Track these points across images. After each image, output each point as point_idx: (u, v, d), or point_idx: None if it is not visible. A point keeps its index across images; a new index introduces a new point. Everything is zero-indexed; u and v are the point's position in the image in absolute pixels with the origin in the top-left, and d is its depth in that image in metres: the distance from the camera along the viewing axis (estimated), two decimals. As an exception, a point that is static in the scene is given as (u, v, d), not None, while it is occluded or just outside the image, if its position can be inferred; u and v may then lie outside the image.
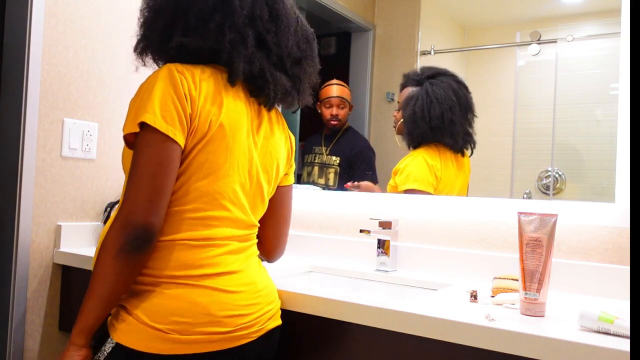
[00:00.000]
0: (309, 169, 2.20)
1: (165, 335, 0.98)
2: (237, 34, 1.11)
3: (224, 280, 1.07)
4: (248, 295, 1.09)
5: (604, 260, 1.37)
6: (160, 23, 1.14)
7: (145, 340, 0.98)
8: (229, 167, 1.09)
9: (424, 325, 1.05)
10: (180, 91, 1.03)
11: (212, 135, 1.06)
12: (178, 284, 1.02)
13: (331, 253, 1.79)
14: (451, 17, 1.99)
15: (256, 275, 1.15)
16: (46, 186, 1.69)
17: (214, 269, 1.06)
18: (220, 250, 1.09)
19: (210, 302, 1.02)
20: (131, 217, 0.98)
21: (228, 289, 1.06)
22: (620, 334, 0.94)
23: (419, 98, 1.81)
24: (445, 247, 1.60)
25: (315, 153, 2.20)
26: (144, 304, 1.01)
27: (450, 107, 1.77)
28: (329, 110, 2.15)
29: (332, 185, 2.11)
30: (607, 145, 1.51)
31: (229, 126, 1.09)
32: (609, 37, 1.56)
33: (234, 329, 1.04)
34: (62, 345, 1.75)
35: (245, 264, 1.13)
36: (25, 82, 1.61)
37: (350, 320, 1.14)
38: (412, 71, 1.94)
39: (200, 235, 1.07)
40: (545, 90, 1.70)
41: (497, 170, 1.78)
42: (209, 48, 1.11)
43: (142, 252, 0.99)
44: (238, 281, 1.09)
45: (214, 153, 1.07)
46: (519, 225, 1.13)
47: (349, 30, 2.17)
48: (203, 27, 1.10)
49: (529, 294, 1.09)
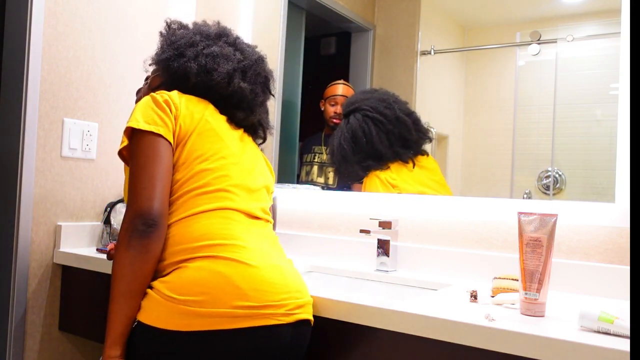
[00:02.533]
0: (308, 168, 2.19)
1: (186, 309, 0.97)
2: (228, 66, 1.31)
3: (245, 252, 1.07)
4: (271, 272, 1.07)
5: (604, 260, 1.37)
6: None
7: (165, 316, 0.97)
8: (223, 153, 1.20)
9: (424, 325, 1.05)
10: (159, 100, 1.19)
11: (201, 128, 1.20)
12: (201, 257, 1.04)
13: (331, 253, 1.79)
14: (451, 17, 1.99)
15: (277, 258, 1.14)
16: (46, 186, 1.69)
17: (233, 240, 1.09)
18: (236, 224, 1.13)
19: (234, 273, 1.02)
20: (133, 209, 1.07)
21: (250, 262, 1.05)
22: (620, 334, 0.94)
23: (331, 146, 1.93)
24: (445, 247, 1.60)
25: (315, 152, 2.19)
26: (167, 279, 1.03)
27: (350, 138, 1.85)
28: (333, 108, 2.14)
29: (332, 185, 2.11)
30: (607, 145, 1.51)
31: (214, 121, 1.23)
32: (609, 37, 1.56)
33: (261, 305, 1.01)
34: (62, 345, 1.75)
35: (264, 245, 1.14)
36: (25, 82, 1.61)
37: (350, 320, 1.14)
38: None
39: (215, 206, 1.13)
40: (545, 90, 1.70)
41: (497, 170, 1.78)
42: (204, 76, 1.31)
43: (149, 236, 1.04)
44: (258, 257, 1.08)
45: (207, 141, 1.19)
46: (519, 225, 1.13)
47: (349, 30, 2.17)
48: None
49: (529, 294, 1.09)
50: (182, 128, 1.18)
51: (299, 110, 2.21)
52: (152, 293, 1.03)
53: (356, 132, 1.84)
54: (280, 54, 2.17)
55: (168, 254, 1.07)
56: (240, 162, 1.24)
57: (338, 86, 2.16)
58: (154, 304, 1.00)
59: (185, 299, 0.97)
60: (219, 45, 1.33)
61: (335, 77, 2.15)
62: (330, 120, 2.15)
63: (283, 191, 1.98)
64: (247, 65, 1.34)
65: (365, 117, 1.84)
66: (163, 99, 1.19)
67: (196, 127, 1.19)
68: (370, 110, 1.85)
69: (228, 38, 1.38)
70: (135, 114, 1.16)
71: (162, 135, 1.14)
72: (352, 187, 2.04)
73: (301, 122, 2.24)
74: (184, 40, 1.32)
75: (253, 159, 1.31)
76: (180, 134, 1.17)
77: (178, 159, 1.16)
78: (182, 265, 1.04)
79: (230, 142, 1.25)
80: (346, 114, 1.93)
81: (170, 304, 0.98)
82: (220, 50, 1.31)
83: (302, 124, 2.24)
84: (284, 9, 2.17)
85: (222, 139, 1.22)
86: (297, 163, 2.23)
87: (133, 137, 1.15)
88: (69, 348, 1.76)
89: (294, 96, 2.20)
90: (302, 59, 2.23)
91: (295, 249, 1.88)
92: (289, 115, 2.19)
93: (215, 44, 1.33)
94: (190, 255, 1.05)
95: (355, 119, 1.87)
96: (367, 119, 1.84)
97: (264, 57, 1.43)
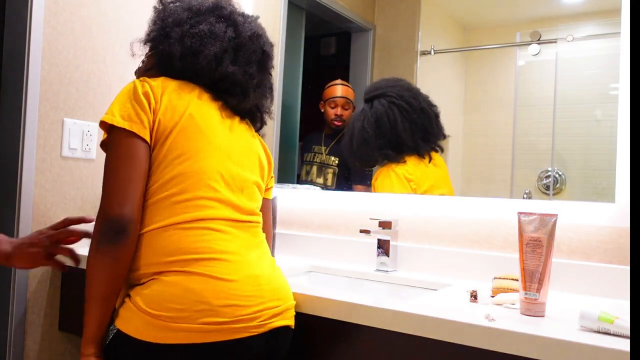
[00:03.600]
0: (308, 168, 2.19)
1: (161, 323, 0.98)
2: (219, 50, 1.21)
3: (220, 267, 1.05)
4: (247, 285, 1.06)
5: (604, 260, 1.37)
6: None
7: (142, 327, 0.99)
8: (207, 150, 1.12)
9: (424, 325, 1.05)
10: (139, 91, 1.10)
11: (183, 124, 1.11)
12: (175, 271, 1.03)
13: (331, 253, 1.79)
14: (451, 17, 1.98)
15: (257, 266, 1.11)
16: (46, 186, 1.69)
17: (209, 254, 1.05)
18: (215, 235, 1.08)
19: (204, 289, 1.01)
20: (103, 212, 1.04)
21: (224, 276, 1.04)
22: (620, 334, 0.94)
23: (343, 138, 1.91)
24: (445, 247, 1.60)
25: (315, 152, 2.18)
26: (144, 291, 1.03)
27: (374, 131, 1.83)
28: (333, 110, 2.13)
29: (330, 186, 2.11)
30: (607, 145, 1.51)
31: (199, 116, 1.14)
32: (609, 37, 1.56)
33: (232, 320, 1.01)
34: (62, 345, 1.75)
35: (246, 253, 1.11)
36: (25, 82, 1.61)
37: (350, 320, 1.14)
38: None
39: (192, 216, 1.07)
40: (545, 90, 1.70)
41: (497, 170, 1.78)
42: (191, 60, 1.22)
43: (117, 243, 1.01)
44: (236, 269, 1.06)
45: (189, 138, 1.11)
46: (519, 225, 1.13)
47: (349, 30, 2.17)
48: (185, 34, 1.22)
49: (529, 294, 1.09)
50: (161, 124, 1.09)
51: (299, 110, 2.21)
52: (129, 303, 1.03)
53: (381, 117, 1.81)
54: (280, 54, 2.17)
55: (143, 264, 1.06)
56: (225, 161, 1.16)
57: (337, 87, 2.14)
58: (130, 314, 1.01)
59: (159, 314, 0.98)
60: (209, 22, 1.21)
61: (335, 77, 2.15)
62: (332, 123, 2.13)
63: (283, 191, 1.98)
64: (239, 43, 1.22)
65: (391, 104, 1.81)
66: (143, 90, 1.11)
67: (177, 122, 1.11)
68: (397, 97, 1.82)
69: (222, 11, 1.25)
70: (113, 107, 1.09)
71: (137, 133, 1.07)
72: (353, 188, 2.03)
73: (301, 122, 2.24)
74: (171, 19, 1.21)
75: (243, 154, 1.21)
76: (159, 130, 1.09)
77: (156, 158, 1.09)
78: (156, 277, 1.03)
79: (216, 138, 1.15)
80: (369, 99, 1.88)
81: (146, 317, 0.99)
82: (208, 29, 1.19)
83: (302, 124, 2.24)
84: (284, 9, 2.17)
85: (207, 135, 1.13)
86: (298, 162, 2.23)
87: (110, 132, 1.10)
88: (69, 348, 1.76)
89: (294, 96, 2.20)
90: (302, 59, 2.23)
91: (295, 249, 1.88)
92: (288, 115, 2.19)
93: (206, 20, 1.21)
94: (165, 268, 1.03)
95: (380, 104, 1.83)
96: (393, 106, 1.81)
97: (261, 31, 1.29)
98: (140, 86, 1.11)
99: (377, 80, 1.99)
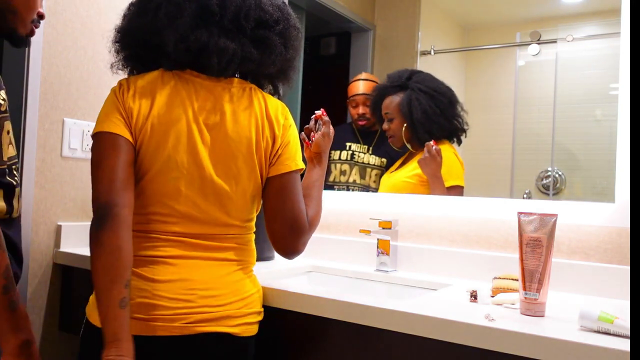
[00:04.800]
0: (344, 168, 2.01)
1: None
2: (174, 8, 1.11)
3: (158, 269, 1.09)
4: (175, 287, 1.08)
5: (603, 260, 1.37)
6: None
7: (93, 313, 1.07)
8: (163, 166, 1.10)
9: (424, 325, 1.05)
10: (118, 102, 1.11)
11: (146, 137, 1.10)
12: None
13: (331, 253, 1.79)
14: (451, 17, 1.99)
15: (201, 273, 1.10)
16: (46, 186, 1.69)
17: (150, 253, 1.10)
18: (162, 242, 1.11)
19: (132, 287, 1.04)
20: (93, 202, 1.06)
21: (153, 277, 1.08)
22: (620, 334, 0.94)
23: (418, 96, 1.78)
24: (445, 247, 1.60)
25: (352, 151, 2.00)
26: None
27: (449, 92, 1.76)
28: (355, 109, 2.00)
29: (374, 188, 1.99)
30: (607, 145, 1.51)
31: (159, 125, 1.10)
32: (609, 37, 1.56)
33: (149, 318, 1.05)
34: (62, 345, 1.75)
35: (194, 260, 1.11)
36: (25, 82, 1.61)
37: (350, 320, 1.14)
38: (382, 82, 1.91)
39: (143, 228, 1.11)
40: (545, 90, 1.71)
41: (497, 170, 1.78)
42: (149, 30, 1.14)
43: (100, 228, 1.02)
44: (172, 272, 1.09)
45: (148, 152, 1.10)
46: (519, 225, 1.13)
47: (349, 30, 2.17)
48: (145, 6, 1.16)
49: (529, 294, 1.09)
50: (137, 135, 1.10)
51: (299, 110, 2.21)
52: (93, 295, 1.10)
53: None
54: (280, 54, 2.16)
55: None
56: (186, 170, 1.10)
57: (358, 83, 2.02)
58: (90, 302, 1.12)
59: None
60: None
61: (335, 77, 2.15)
62: (357, 123, 2.02)
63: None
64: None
65: (433, 79, 1.85)
66: (122, 98, 1.12)
67: (144, 135, 1.10)
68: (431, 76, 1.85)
69: None
70: (100, 116, 1.12)
71: (118, 133, 1.08)
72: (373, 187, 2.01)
73: (301, 122, 2.24)
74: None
75: (215, 152, 1.12)
76: (138, 141, 1.10)
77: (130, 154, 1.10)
78: None
79: (176, 148, 1.10)
80: (407, 79, 1.86)
81: (94, 304, 1.06)
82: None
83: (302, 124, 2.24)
84: (284, 9, 2.17)
85: (163, 148, 1.10)
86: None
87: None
88: (69, 348, 1.76)
89: (294, 96, 2.20)
90: (302, 59, 2.23)
91: (295, 249, 1.88)
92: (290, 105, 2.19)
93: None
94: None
95: (425, 82, 1.84)
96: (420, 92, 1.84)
97: None
98: (117, 97, 1.16)
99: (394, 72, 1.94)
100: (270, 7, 1.18)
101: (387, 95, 1.87)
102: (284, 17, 1.20)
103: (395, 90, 1.84)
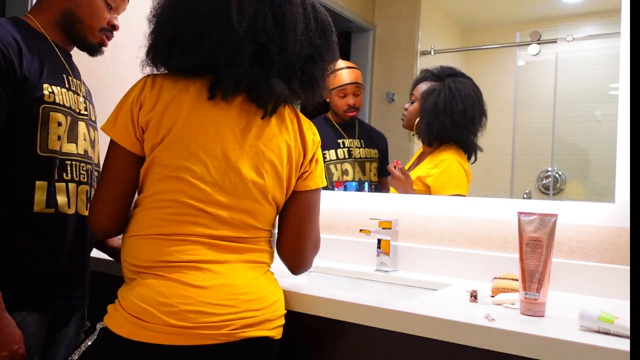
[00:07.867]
0: (345, 167, 1.97)
1: (134, 320, 1.02)
2: (234, 50, 1.10)
3: (195, 274, 1.06)
4: (219, 293, 1.06)
5: (603, 260, 1.37)
6: (164, 37, 1.15)
7: (120, 323, 1.04)
8: (193, 168, 1.09)
9: (424, 325, 1.05)
10: (137, 99, 1.11)
11: (172, 138, 1.09)
12: (153, 274, 1.07)
13: (331, 253, 1.79)
14: (451, 17, 1.99)
15: (240, 277, 1.10)
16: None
17: (185, 257, 1.07)
18: (194, 246, 1.09)
19: (172, 294, 1.03)
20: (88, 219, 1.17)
21: (195, 283, 1.05)
22: (620, 334, 0.94)
23: (441, 91, 1.77)
24: (445, 247, 1.60)
25: (346, 147, 1.96)
26: (125, 291, 1.08)
27: (472, 105, 1.74)
28: (344, 100, 1.93)
29: (375, 181, 1.96)
30: (607, 145, 1.51)
31: (194, 128, 1.10)
32: (609, 37, 1.56)
33: (197, 325, 1.02)
34: (62, 345, 1.75)
35: (229, 264, 1.10)
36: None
37: (350, 320, 1.14)
38: (433, 67, 1.88)
39: (171, 231, 1.09)
40: (545, 90, 1.71)
41: (497, 170, 1.78)
42: (206, 65, 1.13)
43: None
44: (209, 278, 1.07)
45: (175, 154, 1.09)
46: (519, 225, 1.13)
47: (349, 30, 2.17)
48: (200, 46, 1.11)
49: (529, 294, 1.09)
50: (153, 137, 1.10)
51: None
52: (116, 303, 1.08)
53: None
54: (280, 54, 2.16)
55: (127, 263, 1.12)
56: (216, 174, 1.10)
57: (343, 72, 1.96)
58: (114, 312, 1.07)
59: (132, 312, 1.03)
60: None
61: (335, 77, 2.14)
62: (345, 114, 1.95)
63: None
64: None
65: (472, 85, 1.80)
66: (142, 96, 1.12)
67: (164, 137, 1.10)
68: (474, 82, 1.81)
69: None
70: (116, 109, 1.13)
71: (125, 147, 1.11)
72: (381, 187, 1.98)
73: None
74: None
75: (250, 159, 1.13)
76: (151, 143, 1.10)
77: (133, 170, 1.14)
78: (136, 278, 1.09)
79: (208, 152, 1.10)
80: (450, 75, 1.81)
81: (124, 313, 1.04)
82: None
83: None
84: (284, 9, 2.17)
85: (193, 152, 1.10)
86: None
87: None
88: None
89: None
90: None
91: (295, 249, 1.87)
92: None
93: None
94: (145, 271, 1.08)
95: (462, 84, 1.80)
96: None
97: None
98: (139, 91, 1.17)
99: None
100: (319, 39, 1.19)
101: (425, 80, 1.87)
102: (327, 44, 1.21)
103: (434, 79, 1.84)
